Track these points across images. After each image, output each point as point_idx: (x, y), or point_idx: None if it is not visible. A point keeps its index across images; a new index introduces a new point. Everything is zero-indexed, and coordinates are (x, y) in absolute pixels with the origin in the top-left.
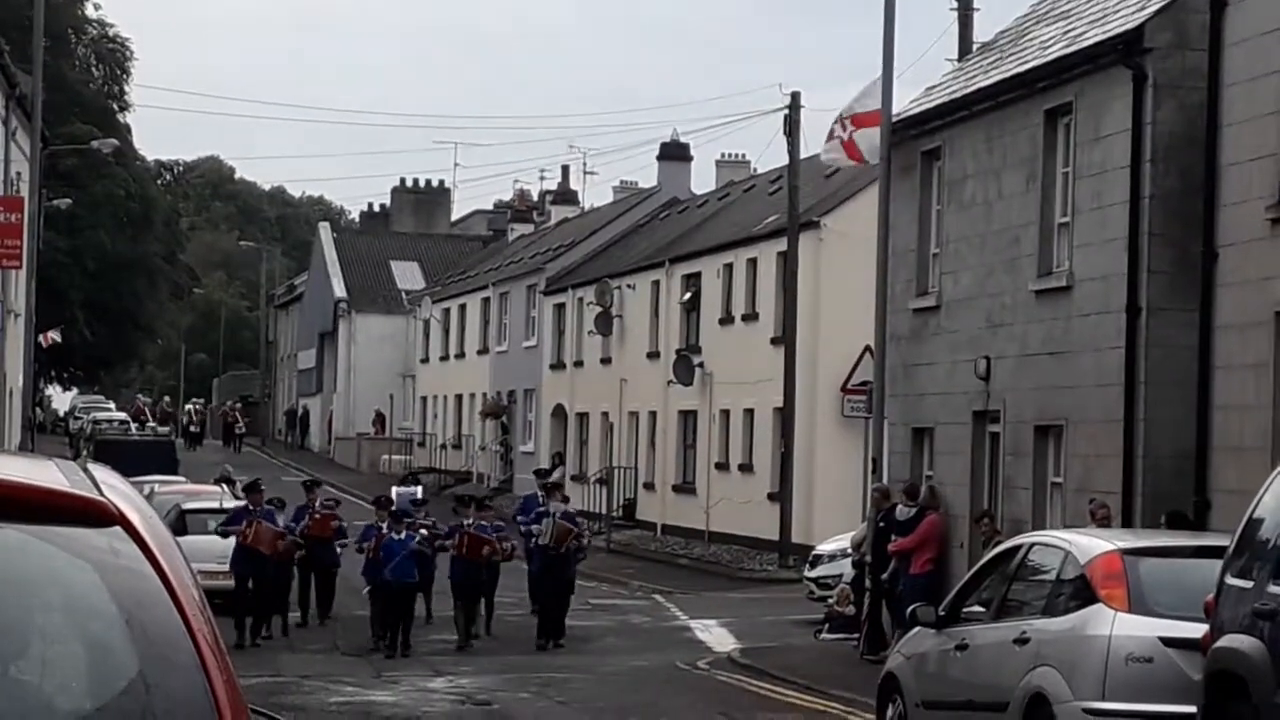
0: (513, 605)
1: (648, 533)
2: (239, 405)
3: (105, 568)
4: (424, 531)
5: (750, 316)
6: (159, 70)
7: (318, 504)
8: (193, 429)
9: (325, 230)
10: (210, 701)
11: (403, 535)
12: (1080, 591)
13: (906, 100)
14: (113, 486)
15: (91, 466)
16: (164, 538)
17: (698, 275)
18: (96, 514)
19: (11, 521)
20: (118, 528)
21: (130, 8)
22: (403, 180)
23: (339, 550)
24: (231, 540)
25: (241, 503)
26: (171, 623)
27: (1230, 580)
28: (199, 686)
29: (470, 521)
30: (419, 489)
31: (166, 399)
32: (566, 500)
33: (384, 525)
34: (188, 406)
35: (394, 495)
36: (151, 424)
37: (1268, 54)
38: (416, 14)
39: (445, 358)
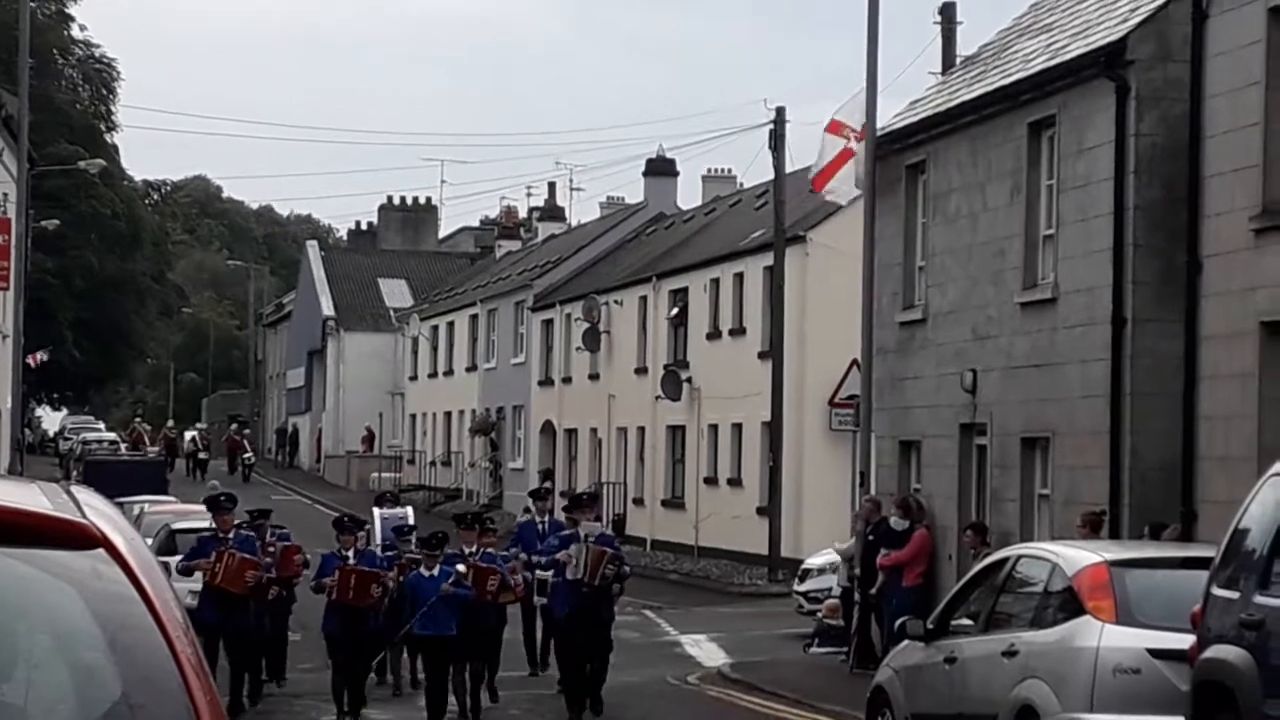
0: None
1: (637, 548)
2: (247, 430)
3: (88, 590)
4: (460, 568)
5: (738, 331)
6: (146, 90)
7: (267, 537)
8: (200, 455)
9: (313, 248)
10: None
11: (435, 571)
12: (1067, 603)
13: (890, 114)
14: (95, 509)
15: (74, 489)
16: (147, 560)
17: (685, 290)
18: (79, 537)
19: None
20: (101, 550)
21: (117, 28)
22: (390, 198)
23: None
24: None
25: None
26: (155, 645)
27: (1217, 591)
28: (182, 708)
29: (474, 550)
30: (409, 511)
31: (170, 423)
32: (598, 519)
33: (350, 555)
34: (190, 433)
35: (376, 519)
36: (153, 450)
37: (1249, 65)
38: (400, 32)
39: (434, 375)
